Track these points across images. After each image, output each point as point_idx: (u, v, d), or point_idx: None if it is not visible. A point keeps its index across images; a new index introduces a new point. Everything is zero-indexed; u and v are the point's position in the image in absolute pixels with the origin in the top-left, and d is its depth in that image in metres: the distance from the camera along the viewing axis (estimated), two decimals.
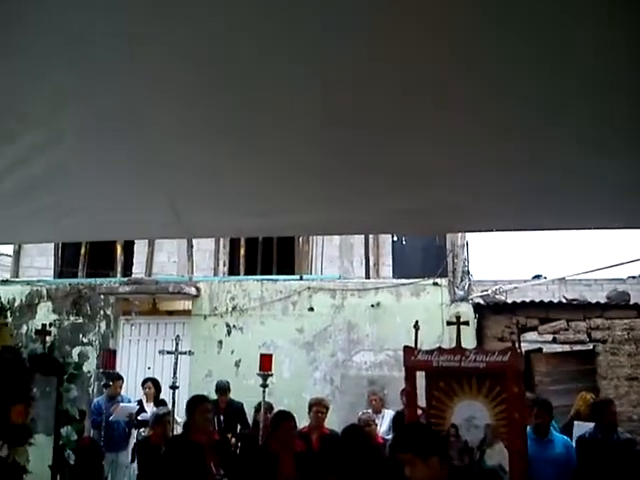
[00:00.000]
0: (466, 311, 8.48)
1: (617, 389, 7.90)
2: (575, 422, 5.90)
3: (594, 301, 8.86)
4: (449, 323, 5.08)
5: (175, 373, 5.81)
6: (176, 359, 5.94)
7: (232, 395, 7.64)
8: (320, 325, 9.44)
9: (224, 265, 11.24)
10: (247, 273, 10.95)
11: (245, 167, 2.67)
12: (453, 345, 4.64)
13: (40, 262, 11.77)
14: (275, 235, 9.09)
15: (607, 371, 8.07)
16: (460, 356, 4.35)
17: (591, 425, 5.51)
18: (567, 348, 8.45)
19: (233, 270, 11.22)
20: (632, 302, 8.86)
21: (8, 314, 3.08)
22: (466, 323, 4.96)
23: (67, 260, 11.94)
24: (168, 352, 6.25)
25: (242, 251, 11.27)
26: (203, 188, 2.88)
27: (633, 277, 14.10)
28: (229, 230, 4.61)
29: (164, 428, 5.49)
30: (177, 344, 6.00)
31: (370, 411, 6.99)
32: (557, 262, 26.18)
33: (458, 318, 4.81)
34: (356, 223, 3.53)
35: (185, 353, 6.35)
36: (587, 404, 6.15)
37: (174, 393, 5.69)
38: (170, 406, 5.76)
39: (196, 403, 4.71)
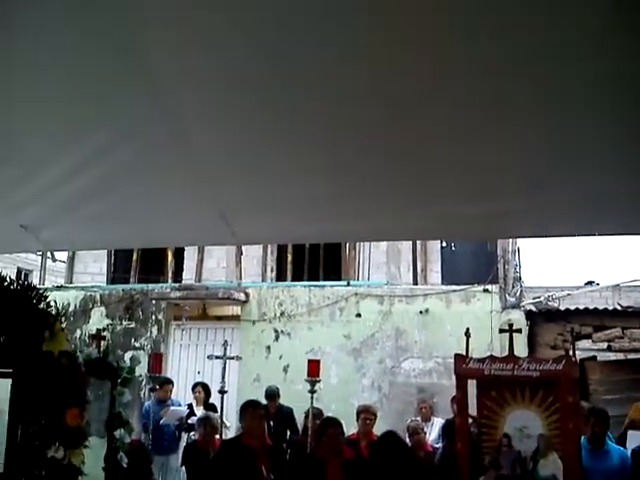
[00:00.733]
0: (518, 318, 8.30)
1: None
2: (629, 432, 5.68)
3: None
4: (501, 330, 4.97)
5: (223, 378, 5.87)
6: (225, 364, 6.00)
7: (281, 401, 7.66)
8: (367, 331, 9.40)
9: (272, 271, 11.33)
10: (294, 279, 11.01)
11: (295, 174, 2.69)
12: (504, 353, 4.54)
13: (94, 268, 12.10)
14: (323, 242, 9.13)
15: None
16: (513, 364, 4.26)
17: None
18: (622, 356, 8.18)
19: (280, 276, 11.30)
20: None
21: (63, 319, 3.16)
22: (519, 331, 4.87)
23: (119, 266, 12.24)
24: (217, 357, 6.32)
25: (289, 257, 11.34)
26: (252, 195, 2.91)
27: None
28: (278, 237, 4.64)
29: (208, 432, 5.54)
30: (225, 349, 6.07)
31: (419, 419, 6.91)
32: (610, 268, 25.41)
33: (510, 326, 4.72)
34: (407, 229, 3.51)
35: (233, 358, 6.42)
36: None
37: (222, 397, 5.75)
38: (219, 410, 5.81)
39: (249, 407, 4.74)
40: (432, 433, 7.18)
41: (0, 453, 3.19)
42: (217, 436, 5.72)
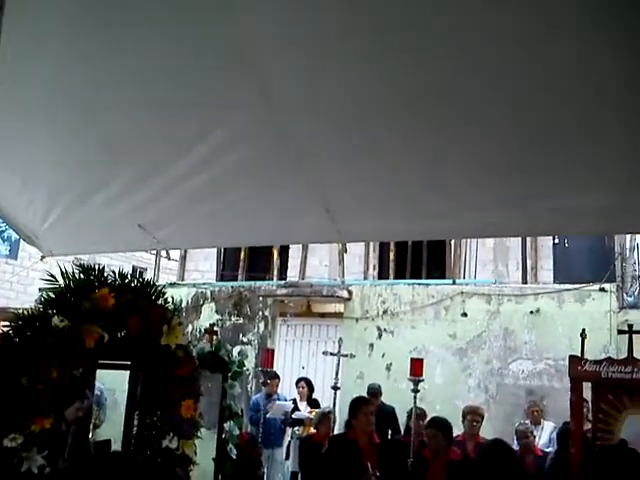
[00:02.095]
0: (636, 319, 7.79)
1: None
2: None
3: None
4: (620, 332, 4.73)
5: (337, 374, 5.95)
6: (338, 360, 6.09)
7: (383, 399, 7.64)
8: (474, 331, 9.17)
9: (374, 269, 11.31)
10: (396, 277, 10.94)
11: (398, 170, 2.67)
12: (621, 355, 4.30)
13: (204, 266, 12.61)
14: (427, 239, 9.00)
15: None
16: (632, 367, 4.04)
17: None
18: None
19: (382, 274, 11.26)
20: None
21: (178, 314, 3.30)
22: (639, 332, 4.57)
23: (228, 264, 12.69)
24: (331, 354, 6.41)
25: (391, 255, 11.28)
26: (357, 193, 2.92)
27: None
28: (381, 234, 4.63)
29: (327, 427, 5.64)
30: (340, 346, 6.16)
31: (528, 422, 6.66)
32: None
33: (630, 326, 4.49)
34: (516, 226, 3.39)
35: (347, 356, 6.49)
36: None
37: (335, 394, 5.85)
38: (331, 406, 5.90)
39: (360, 404, 4.87)
40: (542, 437, 6.90)
41: (117, 442, 3.39)
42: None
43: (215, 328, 4.45)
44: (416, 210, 3.08)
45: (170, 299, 3.23)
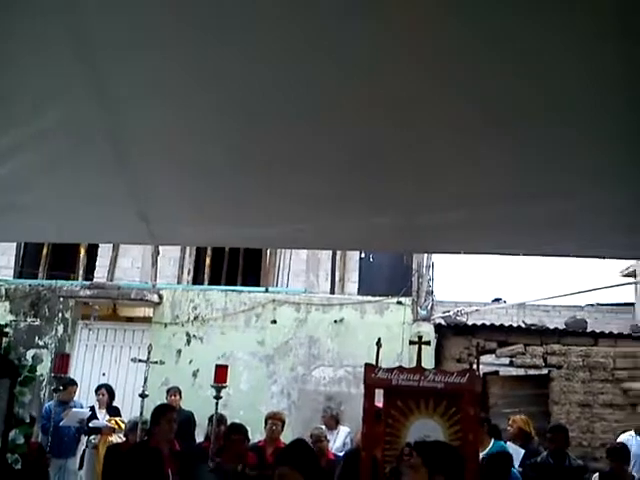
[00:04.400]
0: (427, 331, 8.55)
1: (569, 414, 8.05)
2: (509, 444, 5.93)
3: (552, 327, 9.04)
4: (411, 342, 5.10)
5: (146, 381, 5.77)
6: (147, 367, 5.90)
7: (189, 406, 7.54)
8: (282, 338, 9.41)
9: (188, 273, 11.15)
10: (211, 283, 10.87)
11: (219, 177, 2.68)
12: (413, 364, 4.67)
13: (0, 261, 11.50)
14: (244, 246, 9.07)
15: (560, 396, 8.21)
16: (420, 376, 4.37)
17: (520, 450, 5.63)
18: (523, 372, 8.58)
19: (197, 279, 11.14)
20: (589, 329, 9.07)
21: None
22: (427, 343, 4.99)
23: (28, 260, 11.69)
24: (140, 360, 6.17)
25: (208, 260, 11.20)
26: (173, 195, 2.87)
27: (591, 305, 14.47)
28: (198, 239, 4.59)
29: (135, 436, 5.49)
30: (149, 352, 5.94)
31: (323, 427, 6.97)
32: (517, 287, 26.60)
33: (420, 338, 4.84)
34: (328, 238, 3.56)
35: (156, 362, 6.29)
36: (519, 426, 6.20)
37: (143, 401, 5.65)
38: (138, 414, 5.70)
39: (161, 411, 4.79)
40: (337, 441, 7.26)
41: None
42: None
43: (7, 329, 4.10)
44: (233, 217, 3.11)
45: None
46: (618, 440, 5.92)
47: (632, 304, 14.14)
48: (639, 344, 8.55)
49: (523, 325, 9.32)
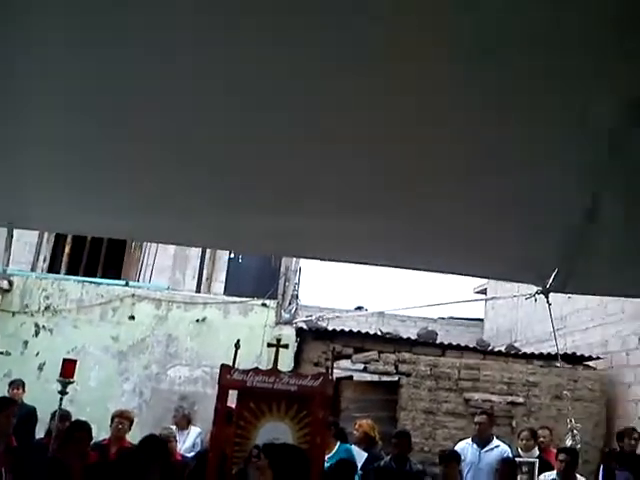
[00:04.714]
0: (288, 334, 8.66)
1: (414, 420, 8.47)
2: (353, 447, 6.10)
3: (405, 336, 9.47)
4: (269, 345, 5.15)
5: None
6: None
7: (33, 401, 7.09)
8: (138, 335, 9.12)
9: (44, 261, 10.54)
10: (69, 273, 10.34)
11: (95, 164, 2.56)
12: (271, 366, 4.71)
13: None
14: (106, 236, 8.67)
15: (407, 403, 8.63)
16: (275, 378, 4.42)
17: (364, 454, 5.85)
18: (376, 378, 8.91)
19: (54, 267, 10.55)
20: (438, 341, 9.62)
21: None
22: (285, 346, 5.06)
23: None
24: None
25: (67, 249, 10.63)
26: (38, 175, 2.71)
27: (442, 318, 15.41)
28: (61, 226, 4.36)
29: None
30: None
31: (173, 427, 6.84)
32: (379, 296, 27.77)
33: (278, 341, 4.90)
34: (197, 235, 3.52)
35: (1, 353, 5.85)
36: (365, 430, 6.40)
37: None
38: None
39: (4, 406, 4.53)
40: (187, 441, 7.16)
41: None
42: None
43: None
44: (97, 206, 2.98)
45: None
46: (456, 447, 6.28)
47: (482, 319, 15.24)
48: (482, 357, 9.19)
49: (379, 333, 9.70)
